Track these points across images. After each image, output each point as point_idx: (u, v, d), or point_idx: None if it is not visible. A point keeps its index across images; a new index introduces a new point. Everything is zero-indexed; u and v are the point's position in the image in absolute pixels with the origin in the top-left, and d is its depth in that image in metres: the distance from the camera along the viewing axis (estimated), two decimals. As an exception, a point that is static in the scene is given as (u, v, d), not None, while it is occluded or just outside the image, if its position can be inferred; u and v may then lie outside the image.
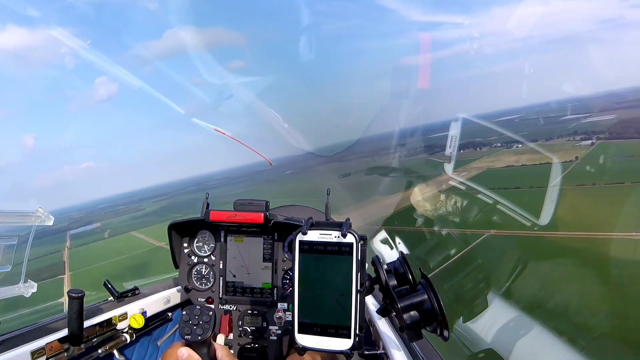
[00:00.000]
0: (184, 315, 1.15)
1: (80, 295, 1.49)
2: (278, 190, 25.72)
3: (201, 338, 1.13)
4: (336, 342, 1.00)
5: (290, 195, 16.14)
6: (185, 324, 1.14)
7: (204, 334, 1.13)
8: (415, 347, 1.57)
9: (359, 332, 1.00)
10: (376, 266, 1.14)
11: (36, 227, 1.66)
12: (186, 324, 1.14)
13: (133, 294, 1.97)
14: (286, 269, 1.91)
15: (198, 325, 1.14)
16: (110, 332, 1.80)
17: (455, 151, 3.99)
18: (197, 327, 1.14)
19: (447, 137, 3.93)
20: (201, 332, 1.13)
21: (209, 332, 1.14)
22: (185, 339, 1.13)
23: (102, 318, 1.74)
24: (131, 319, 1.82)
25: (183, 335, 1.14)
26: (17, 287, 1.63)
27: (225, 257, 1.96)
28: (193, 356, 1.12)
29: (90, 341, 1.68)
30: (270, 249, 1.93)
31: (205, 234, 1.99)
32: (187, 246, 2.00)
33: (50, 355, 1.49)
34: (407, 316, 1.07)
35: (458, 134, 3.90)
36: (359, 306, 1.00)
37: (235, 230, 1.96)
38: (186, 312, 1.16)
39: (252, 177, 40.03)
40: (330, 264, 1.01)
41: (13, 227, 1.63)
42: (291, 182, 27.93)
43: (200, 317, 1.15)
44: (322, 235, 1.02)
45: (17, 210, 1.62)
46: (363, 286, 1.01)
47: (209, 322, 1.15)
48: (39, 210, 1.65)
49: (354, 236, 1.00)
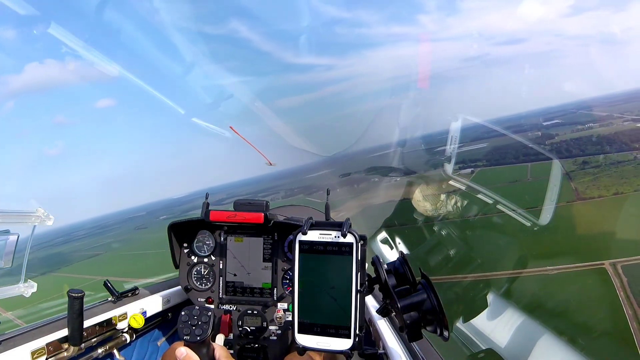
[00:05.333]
0: (183, 315, 1.16)
1: (80, 295, 1.49)
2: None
3: (200, 338, 1.14)
4: (336, 342, 1.00)
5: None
6: (185, 325, 1.15)
7: (203, 334, 1.14)
8: (415, 347, 1.57)
9: (358, 332, 1.00)
10: (376, 266, 1.14)
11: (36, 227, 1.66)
12: (185, 325, 1.15)
13: (133, 294, 1.96)
14: (286, 269, 1.91)
15: (197, 326, 1.14)
16: (110, 332, 1.80)
17: (455, 151, 3.99)
18: (196, 328, 1.14)
19: (447, 137, 3.95)
20: (200, 333, 1.14)
21: (208, 332, 1.15)
22: (185, 339, 1.14)
23: (102, 318, 1.74)
24: (131, 319, 1.82)
25: (182, 335, 1.14)
26: (17, 287, 1.63)
27: (225, 257, 1.96)
28: (192, 356, 1.13)
29: (90, 341, 1.68)
30: (270, 249, 1.93)
31: (205, 234, 1.99)
32: (187, 246, 2.00)
33: (50, 355, 1.49)
34: (407, 316, 1.07)
35: (458, 134, 3.91)
36: (359, 306, 0.99)
37: (235, 231, 1.96)
38: (185, 313, 1.17)
39: (123, 225, 38.38)
40: (330, 264, 1.01)
41: (13, 227, 1.63)
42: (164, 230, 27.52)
43: (199, 318, 1.15)
44: (322, 235, 1.02)
45: (17, 210, 1.62)
46: (363, 286, 1.01)
47: (208, 322, 1.16)
48: (39, 210, 1.65)
49: (354, 236, 1.00)
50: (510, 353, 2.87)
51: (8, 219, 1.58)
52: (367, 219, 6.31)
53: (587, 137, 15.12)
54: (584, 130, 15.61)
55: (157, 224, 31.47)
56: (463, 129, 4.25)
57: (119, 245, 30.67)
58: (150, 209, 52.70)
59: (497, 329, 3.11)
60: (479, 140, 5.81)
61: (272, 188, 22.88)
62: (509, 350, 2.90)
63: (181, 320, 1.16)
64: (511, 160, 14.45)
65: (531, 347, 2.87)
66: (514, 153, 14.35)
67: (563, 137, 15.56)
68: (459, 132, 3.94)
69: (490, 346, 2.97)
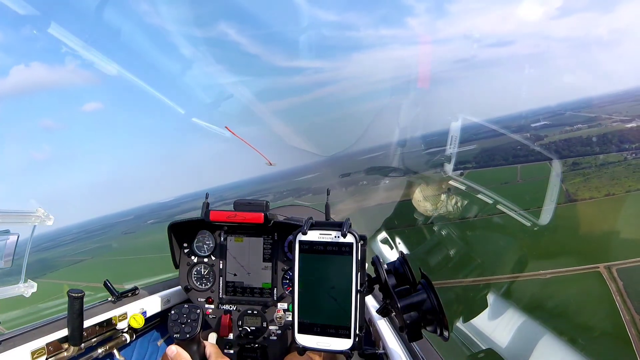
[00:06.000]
0: (172, 314, 1.19)
1: (80, 295, 1.49)
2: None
3: (189, 336, 1.16)
4: (336, 342, 1.00)
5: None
6: (174, 323, 1.17)
7: (192, 331, 1.16)
8: (415, 347, 1.57)
9: (358, 332, 1.00)
10: (376, 266, 1.14)
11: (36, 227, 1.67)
12: (175, 323, 1.17)
13: (133, 294, 1.96)
14: (286, 269, 1.91)
15: (186, 324, 1.17)
16: (110, 332, 1.80)
17: (455, 151, 3.99)
18: (185, 325, 1.16)
19: (448, 137, 3.95)
20: (189, 330, 1.16)
21: (197, 329, 1.17)
22: (175, 337, 1.16)
23: (102, 318, 1.74)
24: (131, 319, 1.82)
25: (172, 333, 1.16)
26: (17, 287, 1.63)
27: (225, 257, 1.96)
28: (182, 354, 1.14)
29: (90, 341, 1.68)
30: (270, 249, 1.93)
31: (205, 234, 1.99)
32: (187, 246, 2.00)
33: (50, 355, 1.49)
34: (407, 316, 1.07)
35: (458, 134, 3.91)
36: (359, 306, 1.00)
37: (235, 231, 1.96)
38: (175, 312, 1.19)
39: (111, 230, 37.56)
40: (330, 264, 1.01)
41: (13, 227, 1.63)
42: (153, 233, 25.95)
43: (188, 316, 1.18)
44: (322, 235, 1.02)
45: (17, 210, 1.62)
46: (363, 286, 1.01)
47: (197, 320, 1.18)
48: (39, 210, 1.65)
49: (354, 236, 1.00)
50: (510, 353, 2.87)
51: (8, 219, 1.58)
52: (367, 219, 6.32)
53: (576, 138, 15.26)
54: (572, 132, 15.71)
55: (145, 229, 31.14)
56: (444, 132, 4.26)
57: (105, 250, 30.29)
58: (138, 213, 52.38)
59: (490, 330, 3.12)
60: (468, 142, 5.83)
61: (260, 191, 22.80)
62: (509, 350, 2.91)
63: (171, 319, 1.18)
64: (500, 162, 14.52)
65: (530, 349, 2.88)
66: (503, 155, 14.44)
67: (552, 138, 15.66)
68: (459, 132, 3.94)
69: (489, 346, 2.97)
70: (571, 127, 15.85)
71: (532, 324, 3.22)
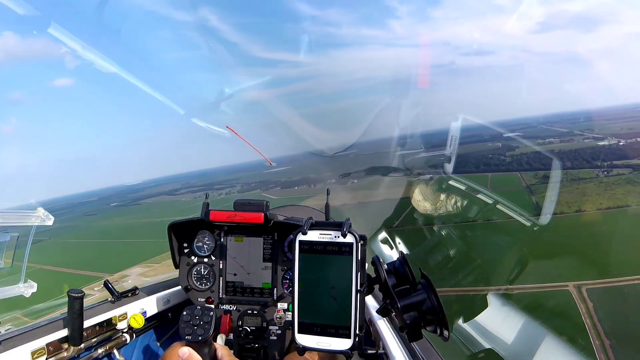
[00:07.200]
0: (185, 315, 1.16)
1: (80, 295, 1.49)
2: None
3: (202, 338, 1.14)
4: (336, 342, 1.00)
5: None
6: (186, 324, 1.15)
7: (205, 334, 1.14)
8: (415, 347, 1.57)
9: (358, 332, 1.00)
10: (376, 266, 1.14)
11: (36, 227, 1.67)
12: (187, 324, 1.15)
13: (133, 294, 1.97)
14: (286, 269, 1.91)
15: (199, 326, 1.15)
16: (110, 332, 1.80)
17: (455, 151, 3.99)
18: (197, 328, 1.14)
19: (448, 137, 3.95)
20: (202, 332, 1.14)
21: (210, 332, 1.15)
22: (186, 339, 1.14)
23: (102, 318, 1.74)
24: (131, 319, 1.82)
25: (184, 335, 1.14)
26: (17, 287, 1.63)
27: (225, 257, 1.96)
28: (194, 356, 1.13)
29: (90, 341, 1.68)
30: (270, 249, 1.93)
31: (205, 234, 1.99)
32: (187, 246, 2.00)
33: (50, 355, 1.49)
34: (407, 316, 1.07)
35: (458, 134, 3.91)
36: (358, 306, 1.00)
37: (235, 231, 1.96)
38: (187, 313, 1.17)
39: (73, 210, 36.21)
40: (330, 263, 1.01)
41: (13, 227, 1.63)
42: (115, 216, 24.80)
43: (201, 318, 1.16)
44: (322, 235, 1.02)
45: (17, 210, 1.62)
46: (363, 286, 1.01)
47: (210, 322, 1.16)
48: (39, 210, 1.65)
49: (354, 236, 1.00)
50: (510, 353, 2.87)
51: (8, 219, 1.58)
52: (367, 219, 6.32)
53: (548, 152, 15.20)
54: (544, 145, 15.66)
55: (107, 211, 30.38)
56: (426, 134, 4.23)
57: (65, 231, 29.03)
58: (102, 194, 51.31)
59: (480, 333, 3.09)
60: (439, 147, 5.87)
61: (229, 181, 22.52)
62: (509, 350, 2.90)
63: (183, 320, 1.16)
64: (471, 169, 14.23)
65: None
66: (474, 162, 14.27)
67: (524, 149, 15.64)
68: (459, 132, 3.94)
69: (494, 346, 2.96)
70: (543, 140, 15.91)
71: (533, 322, 3.19)
